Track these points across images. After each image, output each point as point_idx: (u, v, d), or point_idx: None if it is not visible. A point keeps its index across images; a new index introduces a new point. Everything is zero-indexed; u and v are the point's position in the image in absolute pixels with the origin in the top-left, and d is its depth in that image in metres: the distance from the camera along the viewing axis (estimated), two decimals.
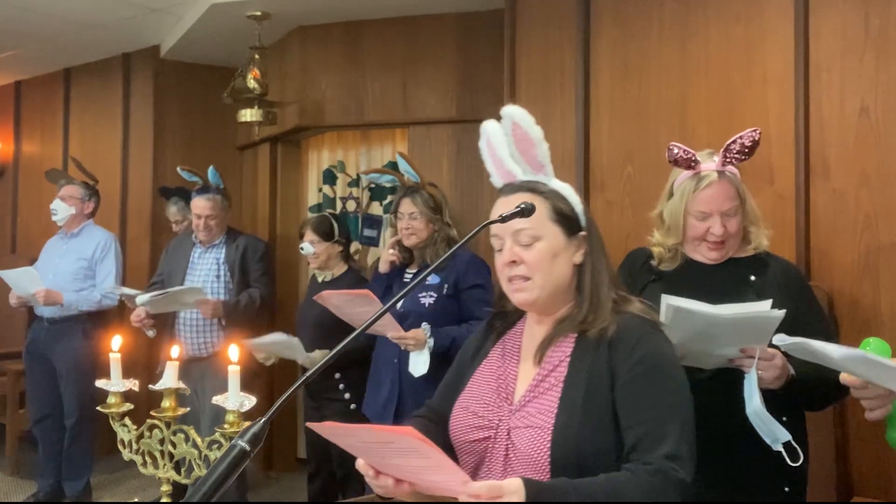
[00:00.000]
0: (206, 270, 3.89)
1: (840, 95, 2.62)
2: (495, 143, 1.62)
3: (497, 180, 1.65)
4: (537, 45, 3.52)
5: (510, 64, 3.61)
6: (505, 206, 1.55)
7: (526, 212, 1.68)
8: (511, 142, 1.56)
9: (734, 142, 2.00)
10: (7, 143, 6.27)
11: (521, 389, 1.51)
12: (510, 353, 1.59)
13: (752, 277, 2.02)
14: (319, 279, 3.66)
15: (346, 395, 3.40)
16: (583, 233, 1.55)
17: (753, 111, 2.81)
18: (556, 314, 1.55)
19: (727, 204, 2.01)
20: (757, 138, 1.99)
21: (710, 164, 2.03)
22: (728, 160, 2.02)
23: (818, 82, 2.67)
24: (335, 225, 3.63)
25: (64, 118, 5.86)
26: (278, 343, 3.37)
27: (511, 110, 1.56)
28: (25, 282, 4.08)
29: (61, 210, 4.30)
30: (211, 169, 3.92)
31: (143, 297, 3.72)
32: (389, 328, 2.92)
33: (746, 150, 2.00)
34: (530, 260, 1.50)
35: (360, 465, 1.36)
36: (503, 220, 1.66)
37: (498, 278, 1.59)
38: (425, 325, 2.95)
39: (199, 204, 3.86)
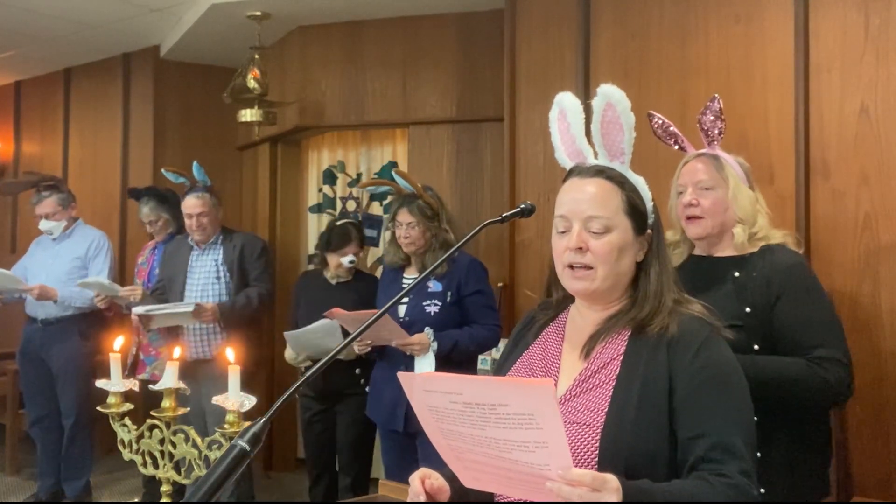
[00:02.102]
0: (206, 272, 3.85)
1: (840, 95, 2.62)
2: (571, 119, 1.51)
3: (563, 157, 1.54)
4: (537, 45, 3.52)
5: (510, 64, 3.61)
6: (579, 188, 1.45)
7: (526, 212, 1.65)
8: (597, 121, 1.46)
9: (702, 114, 2.13)
10: (7, 143, 6.27)
11: (566, 382, 1.44)
12: (552, 345, 1.52)
13: (736, 274, 2.05)
14: (333, 281, 3.67)
15: (368, 389, 3.44)
16: (649, 231, 1.48)
17: (753, 111, 2.81)
18: (607, 308, 1.47)
19: (699, 175, 2.09)
20: (716, 103, 2.12)
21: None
22: (710, 137, 2.13)
23: (818, 82, 2.67)
24: (362, 232, 3.75)
25: (64, 118, 5.86)
26: (318, 330, 3.33)
27: (609, 90, 1.43)
28: (4, 282, 4.09)
29: (55, 228, 4.28)
30: (195, 165, 3.83)
31: (139, 309, 3.66)
32: (395, 335, 2.94)
33: (716, 116, 2.11)
34: (598, 250, 1.41)
35: (415, 480, 1.36)
36: (503, 220, 1.64)
37: (553, 262, 1.50)
38: (428, 330, 2.99)
39: (189, 203, 3.80)
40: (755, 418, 1.86)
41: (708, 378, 1.35)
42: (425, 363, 2.95)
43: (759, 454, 1.90)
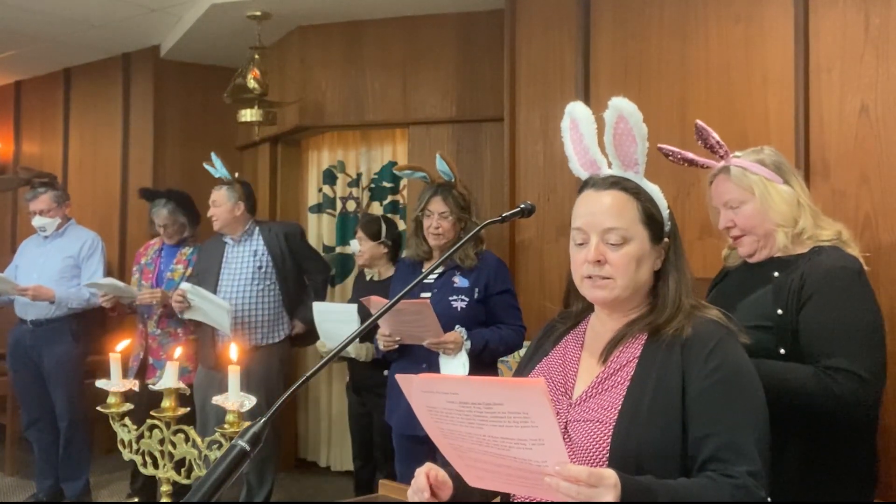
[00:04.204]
0: (243, 264, 3.82)
1: (840, 95, 2.62)
2: (583, 130, 1.54)
3: (577, 168, 1.56)
4: (537, 45, 3.52)
5: (510, 64, 3.61)
6: (595, 200, 1.47)
7: (526, 212, 1.66)
8: (609, 133, 1.48)
9: (698, 141, 2.08)
10: (7, 143, 6.27)
11: (583, 385, 1.46)
12: (572, 350, 1.54)
13: (776, 274, 1.98)
14: (367, 277, 3.79)
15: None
16: (666, 240, 1.49)
17: (753, 111, 2.81)
18: (626, 314, 1.49)
19: (725, 196, 2.04)
20: (697, 126, 2.08)
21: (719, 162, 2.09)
22: (718, 154, 2.07)
23: (818, 82, 2.67)
24: (384, 227, 3.73)
25: (64, 118, 5.87)
26: (341, 312, 3.41)
27: (621, 103, 1.46)
28: None
29: (49, 225, 4.25)
30: (212, 157, 3.89)
31: (186, 284, 3.72)
32: (431, 331, 2.80)
33: (705, 134, 2.07)
34: (616, 262, 1.43)
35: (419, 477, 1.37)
36: (503, 220, 1.65)
37: (571, 273, 1.51)
38: (460, 328, 2.88)
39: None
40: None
41: (720, 378, 1.36)
42: (457, 363, 2.81)
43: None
